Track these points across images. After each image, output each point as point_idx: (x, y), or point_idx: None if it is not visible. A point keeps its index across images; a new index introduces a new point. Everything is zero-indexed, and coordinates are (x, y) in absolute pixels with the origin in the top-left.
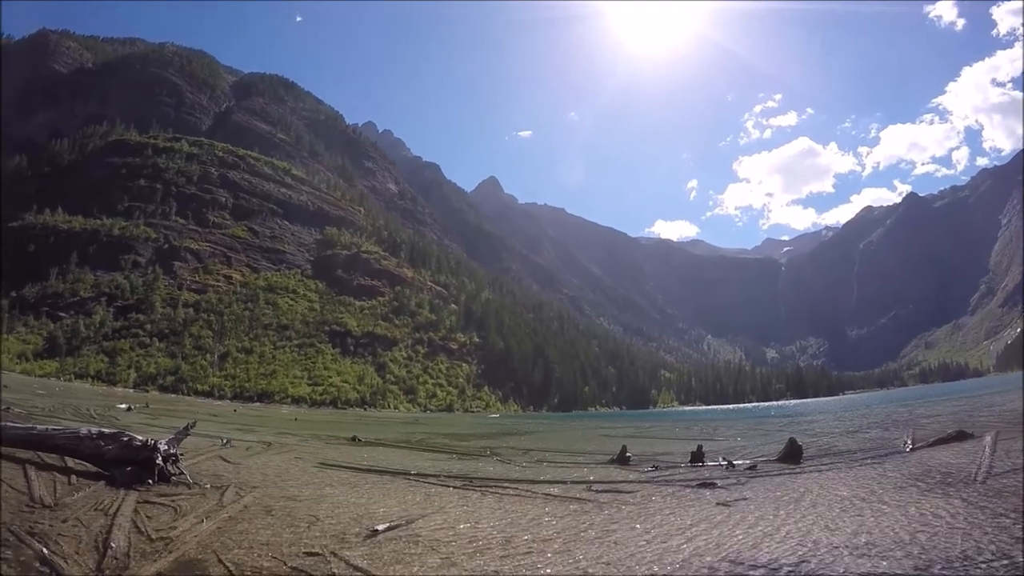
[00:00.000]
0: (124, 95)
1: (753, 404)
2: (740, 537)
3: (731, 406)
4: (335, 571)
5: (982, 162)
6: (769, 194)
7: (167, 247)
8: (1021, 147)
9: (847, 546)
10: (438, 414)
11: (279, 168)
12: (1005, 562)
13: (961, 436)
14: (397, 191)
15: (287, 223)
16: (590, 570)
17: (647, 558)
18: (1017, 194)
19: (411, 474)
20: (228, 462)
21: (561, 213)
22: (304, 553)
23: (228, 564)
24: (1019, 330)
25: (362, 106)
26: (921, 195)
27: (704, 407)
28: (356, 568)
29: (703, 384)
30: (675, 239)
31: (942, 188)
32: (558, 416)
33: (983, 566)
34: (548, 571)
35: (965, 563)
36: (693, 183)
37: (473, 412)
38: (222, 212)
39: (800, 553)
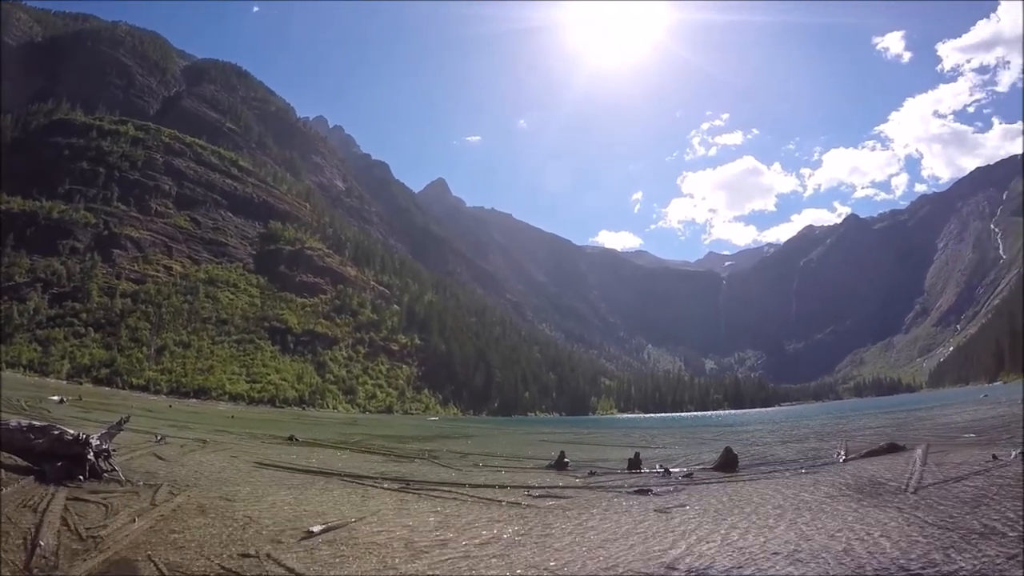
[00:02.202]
0: (73, 73)
1: (691, 413)
2: (677, 543)
3: (670, 415)
4: (269, 573)
5: (920, 188)
6: (712, 210)
7: (107, 233)
8: (960, 175)
9: (782, 553)
10: (377, 415)
11: (226, 158)
12: (933, 570)
13: (893, 448)
14: (344, 188)
15: (231, 215)
16: (527, 575)
17: (585, 563)
18: (955, 220)
19: (348, 475)
20: (162, 459)
21: (508, 218)
22: (238, 554)
23: (160, 564)
24: (951, 349)
25: (314, 100)
26: (862, 217)
27: (643, 415)
28: (290, 570)
29: (642, 392)
30: (619, 249)
31: (881, 211)
32: (498, 421)
33: (911, 573)
34: (486, 575)
35: (896, 571)
36: (638, 195)
37: (412, 414)
38: (165, 200)
39: (736, 559)
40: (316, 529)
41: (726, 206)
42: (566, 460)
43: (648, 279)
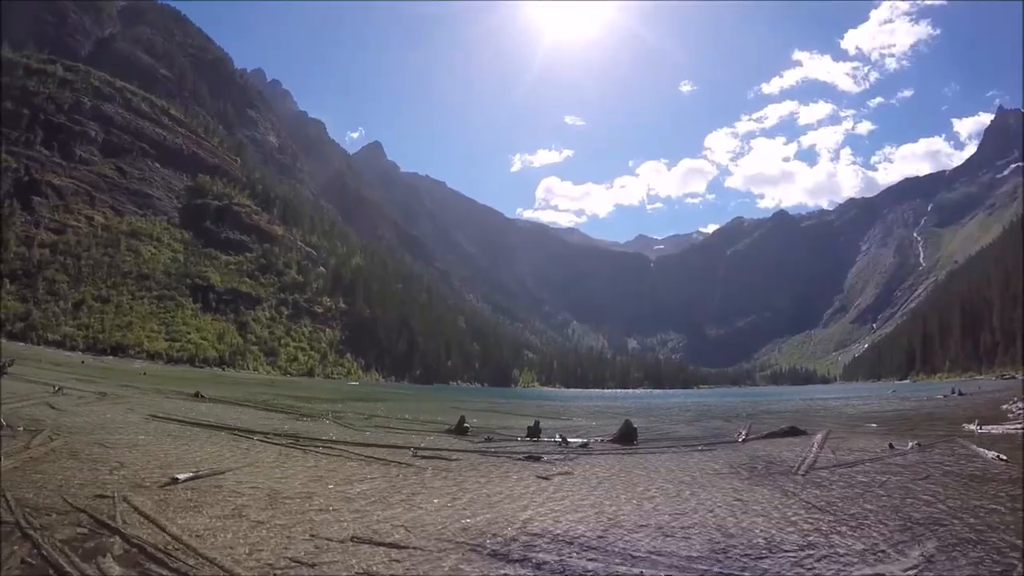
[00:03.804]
0: (1, 7)
1: (611, 391)
2: (547, 510)
3: (590, 391)
4: (118, 513)
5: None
6: (648, 193)
7: (27, 179)
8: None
9: (651, 525)
10: (297, 378)
11: (157, 106)
12: (809, 552)
13: (793, 432)
14: (277, 145)
15: (158, 166)
16: (380, 530)
17: (444, 522)
18: (880, 225)
19: (240, 430)
20: (54, 409)
21: (441, 187)
22: (94, 495)
23: (10, 500)
24: (866, 346)
25: (253, 51)
26: (791, 214)
27: (564, 389)
28: (140, 512)
29: (564, 368)
30: (551, 225)
31: (810, 211)
32: (418, 388)
33: (785, 554)
34: (336, 528)
35: (765, 550)
36: (575, 172)
37: (334, 378)
38: (91, 147)
39: (600, 528)
40: (182, 476)
41: (661, 192)
42: (466, 425)
43: (577, 257)
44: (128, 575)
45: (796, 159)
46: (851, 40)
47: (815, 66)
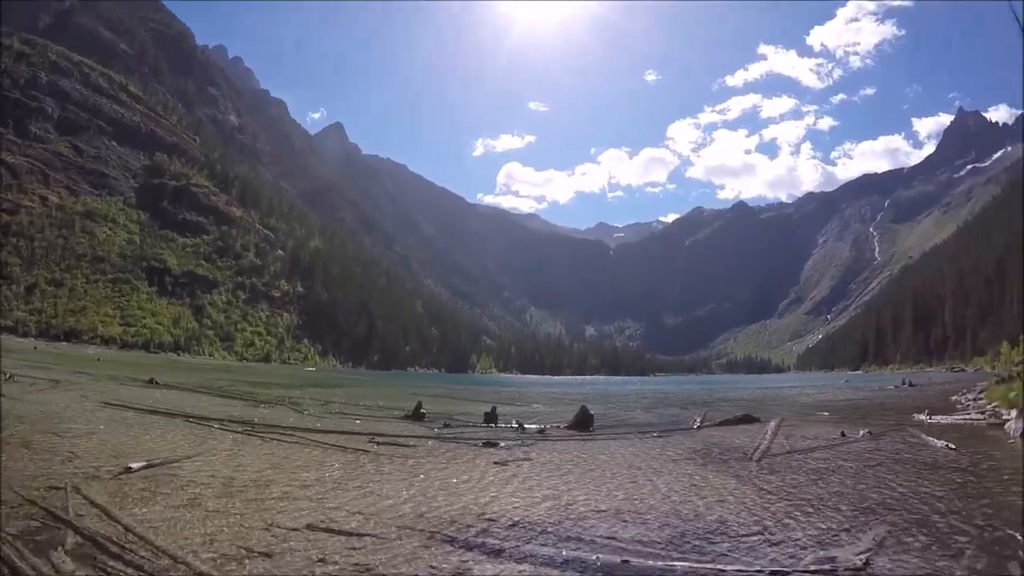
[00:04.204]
0: None
1: (568, 377)
2: (505, 496)
3: (547, 377)
4: (71, 505)
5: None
6: (609, 181)
7: None
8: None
9: (608, 511)
10: (254, 364)
11: (116, 82)
12: (764, 536)
13: (747, 419)
14: (238, 124)
15: (115, 144)
16: (337, 518)
17: (400, 508)
18: (837, 219)
19: (195, 417)
20: (5, 397)
21: (403, 170)
22: (46, 487)
23: None
24: (820, 336)
25: (216, 27)
26: (750, 205)
27: (521, 375)
28: (93, 503)
29: (523, 354)
30: (512, 210)
31: (769, 203)
32: (376, 374)
33: (740, 538)
34: (293, 516)
35: (721, 534)
36: (538, 159)
37: (291, 364)
38: (46, 124)
39: (557, 514)
40: (136, 466)
41: (622, 180)
42: (423, 411)
43: (537, 243)
44: (81, 570)
45: (757, 151)
46: (817, 37)
47: (780, 61)
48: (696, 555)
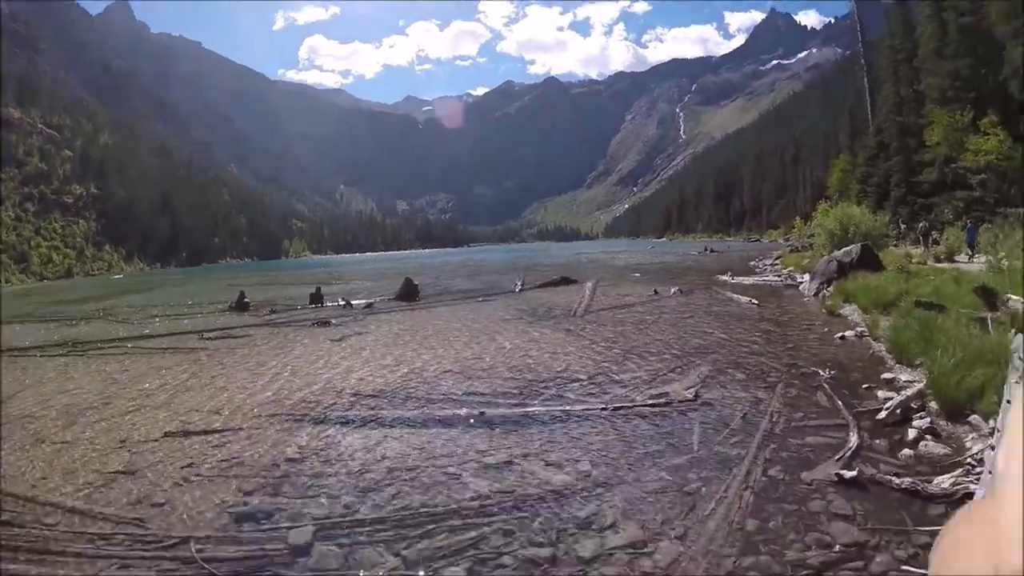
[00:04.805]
0: None
1: (384, 253)
2: (357, 369)
3: (363, 255)
4: None
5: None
6: (418, 54)
7: None
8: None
9: (456, 370)
10: (56, 282)
11: None
12: (606, 378)
13: (565, 281)
14: (9, 11)
15: None
16: (191, 420)
17: (253, 396)
18: (646, 99)
19: (9, 349)
20: None
21: (197, 47)
22: None
23: None
24: (627, 206)
25: None
26: (561, 81)
27: (336, 256)
28: None
29: (335, 234)
30: (316, 86)
31: (580, 79)
32: (186, 271)
33: (585, 382)
34: (146, 429)
35: (567, 380)
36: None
37: (95, 275)
38: None
39: (408, 380)
40: None
41: (430, 52)
42: (247, 300)
43: (344, 119)
44: None
45: (570, 29)
46: None
47: None
48: (546, 402)
